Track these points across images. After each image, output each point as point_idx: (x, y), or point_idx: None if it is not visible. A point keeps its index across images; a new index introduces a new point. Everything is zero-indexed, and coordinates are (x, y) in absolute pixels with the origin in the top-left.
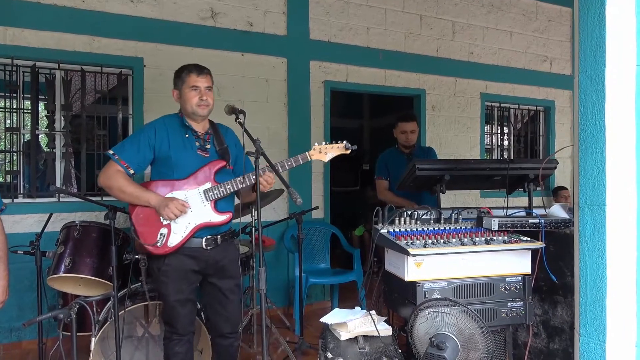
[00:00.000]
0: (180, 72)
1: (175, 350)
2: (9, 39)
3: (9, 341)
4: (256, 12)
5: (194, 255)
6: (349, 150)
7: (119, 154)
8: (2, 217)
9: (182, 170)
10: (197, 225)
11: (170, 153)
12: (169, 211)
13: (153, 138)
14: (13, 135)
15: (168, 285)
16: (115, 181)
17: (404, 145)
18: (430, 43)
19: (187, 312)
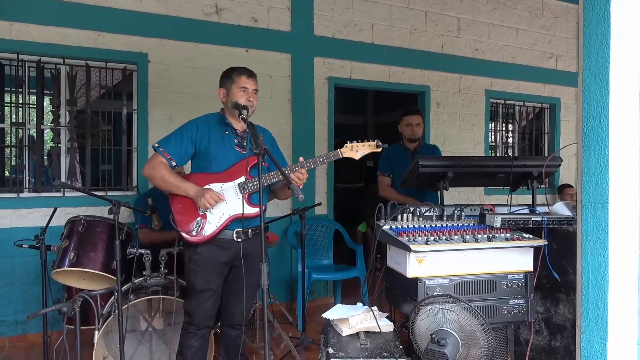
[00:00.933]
0: (230, 73)
1: (190, 344)
2: (15, 34)
3: (15, 334)
4: (260, 8)
5: (224, 246)
6: (380, 149)
7: (163, 147)
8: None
9: (220, 164)
10: (231, 216)
11: (210, 148)
12: (205, 201)
13: (195, 133)
14: (19, 130)
15: (198, 273)
16: (158, 172)
17: (410, 139)
18: (435, 39)
19: (210, 305)
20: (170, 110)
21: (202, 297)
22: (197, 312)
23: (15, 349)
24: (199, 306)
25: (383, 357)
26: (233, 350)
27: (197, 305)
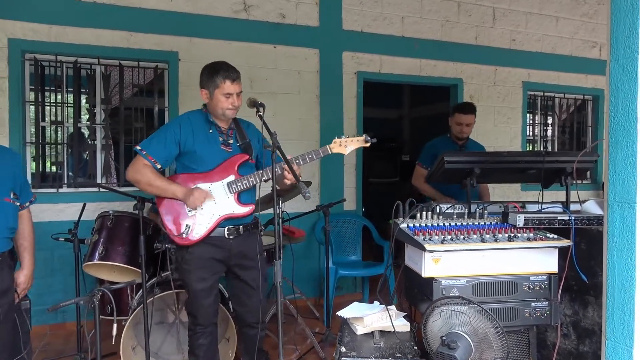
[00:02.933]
0: (213, 75)
1: (199, 343)
2: (53, 36)
3: (55, 322)
4: (288, 4)
5: (216, 244)
6: (369, 143)
7: (146, 150)
8: (48, 206)
9: (206, 164)
10: (222, 216)
11: (195, 148)
12: (194, 199)
13: (178, 133)
14: (58, 128)
15: (191, 273)
16: (143, 175)
17: (457, 137)
18: (469, 31)
19: (210, 303)
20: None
21: (200, 296)
22: (199, 311)
23: (55, 336)
24: (200, 305)
25: (396, 358)
26: (252, 348)
27: (198, 305)
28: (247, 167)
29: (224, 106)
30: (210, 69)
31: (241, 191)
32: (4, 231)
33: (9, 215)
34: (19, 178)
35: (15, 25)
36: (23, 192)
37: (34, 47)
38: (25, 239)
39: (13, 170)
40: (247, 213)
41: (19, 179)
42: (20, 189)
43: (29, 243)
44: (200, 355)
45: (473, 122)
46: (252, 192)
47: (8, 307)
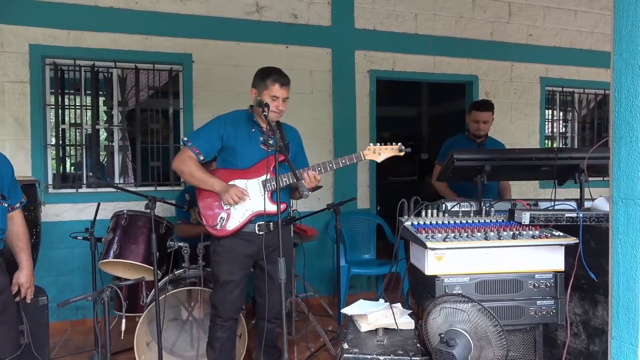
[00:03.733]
0: (265, 77)
1: (218, 335)
2: (72, 41)
3: (76, 318)
4: (300, 4)
5: (247, 239)
6: (403, 153)
7: (192, 142)
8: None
9: (245, 160)
10: (254, 212)
11: (236, 144)
12: (229, 197)
13: (222, 129)
14: (77, 130)
15: (221, 265)
16: (187, 166)
17: (475, 135)
18: (484, 27)
19: (234, 298)
20: (214, 107)
21: (226, 289)
22: (222, 304)
23: (76, 332)
24: (224, 298)
25: (397, 355)
26: (266, 343)
27: (222, 297)
28: (283, 168)
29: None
30: (264, 71)
31: (275, 190)
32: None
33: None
34: (7, 180)
35: (35, 32)
36: (12, 194)
37: (54, 52)
38: (20, 239)
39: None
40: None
41: (7, 181)
42: (8, 191)
43: (24, 243)
44: (217, 348)
45: (491, 120)
46: (285, 191)
47: (3, 306)
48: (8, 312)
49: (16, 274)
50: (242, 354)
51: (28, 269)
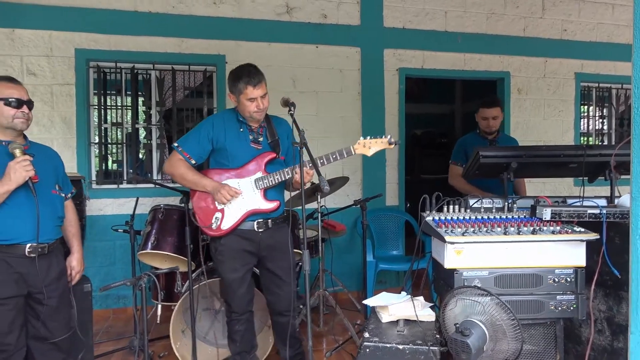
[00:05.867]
0: (236, 82)
1: (236, 329)
2: (113, 45)
3: (117, 307)
4: (330, 4)
5: (247, 237)
6: (392, 145)
7: (182, 146)
8: (110, 201)
9: (236, 160)
10: (248, 211)
11: (226, 145)
12: (221, 196)
13: (211, 131)
14: (118, 129)
15: (224, 263)
16: (177, 169)
17: (486, 132)
18: (516, 22)
19: (243, 293)
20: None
21: (233, 286)
22: (233, 300)
23: (117, 320)
24: (234, 294)
25: (416, 345)
26: (284, 336)
27: (231, 294)
28: (276, 164)
29: (251, 110)
30: (234, 76)
31: (267, 188)
32: (55, 220)
33: (57, 205)
34: (61, 172)
35: (80, 37)
36: (64, 185)
37: (97, 55)
38: (72, 226)
39: (55, 165)
40: (272, 209)
41: (61, 173)
42: (62, 182)
43: (76, 230)
44: (237, 341)
45: (500, 115)
46: (278, 189)
47: (63, 289)
48: (65, 295)
49: (69, 258)
50: (271, 343)
51: (79, 254)
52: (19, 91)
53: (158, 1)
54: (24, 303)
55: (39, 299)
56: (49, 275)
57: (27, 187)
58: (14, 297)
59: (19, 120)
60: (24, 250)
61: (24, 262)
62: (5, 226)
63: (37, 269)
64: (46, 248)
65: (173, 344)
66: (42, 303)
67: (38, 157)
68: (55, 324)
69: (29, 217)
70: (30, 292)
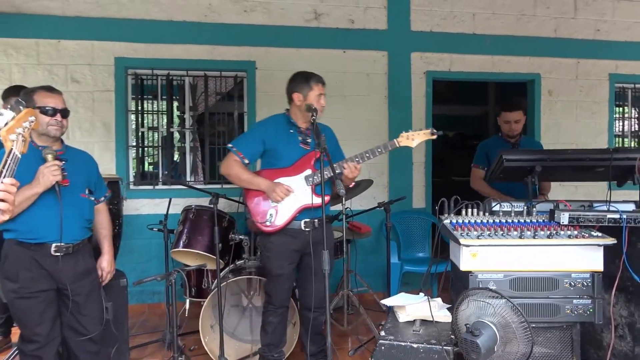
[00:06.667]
0: (308, 80)
1: (270, 320)
2: (150, 53)
3: (152, 302)
4: (357, 10)
5: (294, 235)
6: (435, 135)
7: (237, 147)
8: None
9: (286, 160)
10: (300, 206)
11: (277, 146)
12: (275, 194)
13: (264, 133)
14: (154, 132)
15: (272, 260)
16: (233, 169)
17: (508, 135)
18: (547, 23)
19: (285, 288)
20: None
21: (278, 281)
22: (274, 293)
23: (152, 314)
24: (276, 288)
25: (430, 344)
26: (311, 330)
27: (274, 287)
28: None
29: (318, 106)
30: (303, 75)
31: (317, 184)
32: (83, 222)
33: (85, 208)
34: (94, 177)
35: (120, 46)
36: (97, 189)
37: (135, 63)
38: (104, 228)
39: (88, 170)
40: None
41: (94, 178)
42: (94, 186)
43: (107, 232)
44: (269, 332)
45: (522, 119)
46: (327, 185)
47: (91, 286)
48: (95, 291)
49: (99, 259)
50: (295, 340)
51: (109, 255)
52: (55, 100)
53: (192, 11)
54: (56, 296)
55: (68, 294)
56: (76, 273)
57: (55, 190)
58: (43, 291)
59: (52, 128)
60: (50, 249)
61: (50, 260)
62: (33, 226)
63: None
64: (71, 248)
65: (202, 338)
66: (72, 298)
67: (72, 161)
68: (86, 319)
69: (55, 219)
70: (59, 287)
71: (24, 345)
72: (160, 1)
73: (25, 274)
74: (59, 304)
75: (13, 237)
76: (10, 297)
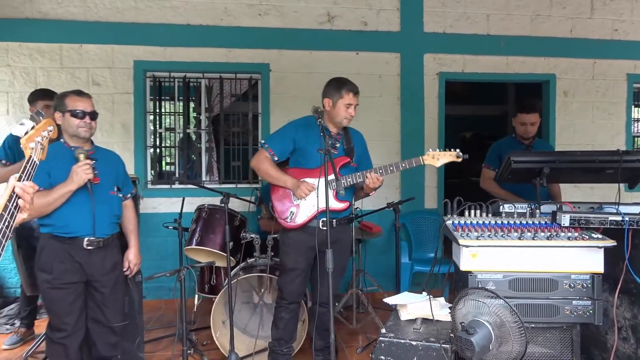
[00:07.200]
0: (340, 88)
1: (281, 316)
2: (168, 56)
3: (169, 297)
4: (370, 12)
5: (312, 233)
6: (460, 159)
7: (268, 144)
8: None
9: (314, 161)
10: (321, 208)
11: (306, 147)
12: (300, 192)
13: (295, 133)
14: (171, 133)
15: (288, 254)
16: (263, 165)
17: (523, 137)
18: (563, 24)
19: (297, 284)
20: (289, 111)
21: (291, 275)
22: (286, 288)
23: (168, 310)
24: (288, 283)
25: (428, 342)
26: (320, 325)
27: (287, 282)
28: (348, 169)
29: (343, 115)
30: (338, 82)
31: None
32: (112, 217)
33: (114, 205)
34: (121, 175)
35: (139, 49)
36: (124, 186)
37: (153, 66)
38: (131, 223)
39: (116, 168)
40: (342, 209)
41: (121, 175)
42: (122, 184)
43: (134, 226)
44: (280, 327)
45: (538, 121)
46: (348, 191)
47: (117, 279)
48: (119, 285)
49: (127, 252)
50: (303, 336)
51: (136, 248)
52: (84, 103)
53: (208, 15)
54: (84, 289)
55: (96, 286)
56: (104, 266)
57: (87, 188)
58: (74, 282)
59: (82, 130)
60: (82, 243)
61: (82, 253)
62: (67, 221)
63: (93, 260)
64: (102, 242)
65: (213, 333)
66: (99, 290)
67: (101, 161)
68: (110, 310)
69: (88, 215)
70: (89, 280)
71: (52, 333)
72: (178, 6)
73: (59, 266)
74: (86, 295)
75: (49, 232)
76: (44, 287)
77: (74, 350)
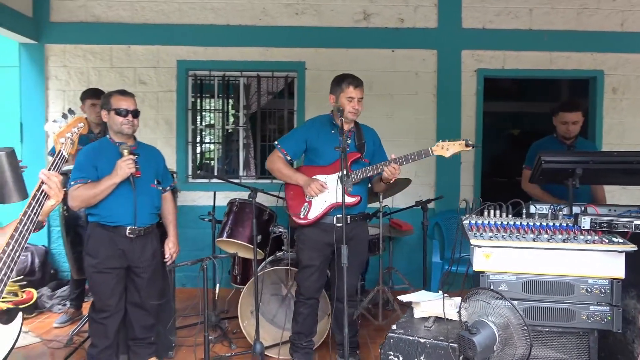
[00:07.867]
0: (340, 82)
1: (300, 311)
2: (208, 56)
3: (194, 287)
4: (407, 9)
5: (326, 229)
6: (470, 147)
7: (281, 144)
8: (203, 193)
9: (326, 158)
10: (332, 204)
11: (318, 145)
12: (311, 189)
13: (307, 133)
14: (211, 130)
15: (303, 251)
16: (276, 164)
17: (564, 136)
18: (612, 17)
19: (314, 280)
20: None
21: (307, 272)
22: (303, 284)
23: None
24: (305, 279)
25: (437, 340)
26: (341, 320)
27: (304, 278)
28: (359, 164)
29: (347, 109)
30: (339, 77)
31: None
32: (152, 209)
33: (154, 197)
34: (161, 169)
35: (182, 50)
36: (164, 180)
37: (194, 65)
38: (170, 214)
39: (156, 163)
40: (354, 203)
41: (161, 169)
42: (162, 177)
43: (173, 217)
44: (299, 322)
45: (580, 120)
46: (361, 186)
47: (155, 266)
48: (158, 271)
49: (166, 240)
50: (327, 330)
51: (174, 237)
52: (127, 102)
53: (247, 15)
54: (125, 274)
55: (136, 272)
56: (144, 253)
57: (130, 181)
58: (117, 268)
59: (125, 127)
60: (125, 231)
61: (125, 241)
62: (112, 211)
63: (134, 247)
64: (142, 231)
65: (240, 322)
66: (139, 275)
67: (143, 156)
68: (147, 294)
69: (130, 205)
70: (130, 265)
71: (95, 313)
72: (218, 7)
73: (104, 252)
74: (126, 280)
75: (96, 220)
76: (90, 271)
77: (113, 330)
